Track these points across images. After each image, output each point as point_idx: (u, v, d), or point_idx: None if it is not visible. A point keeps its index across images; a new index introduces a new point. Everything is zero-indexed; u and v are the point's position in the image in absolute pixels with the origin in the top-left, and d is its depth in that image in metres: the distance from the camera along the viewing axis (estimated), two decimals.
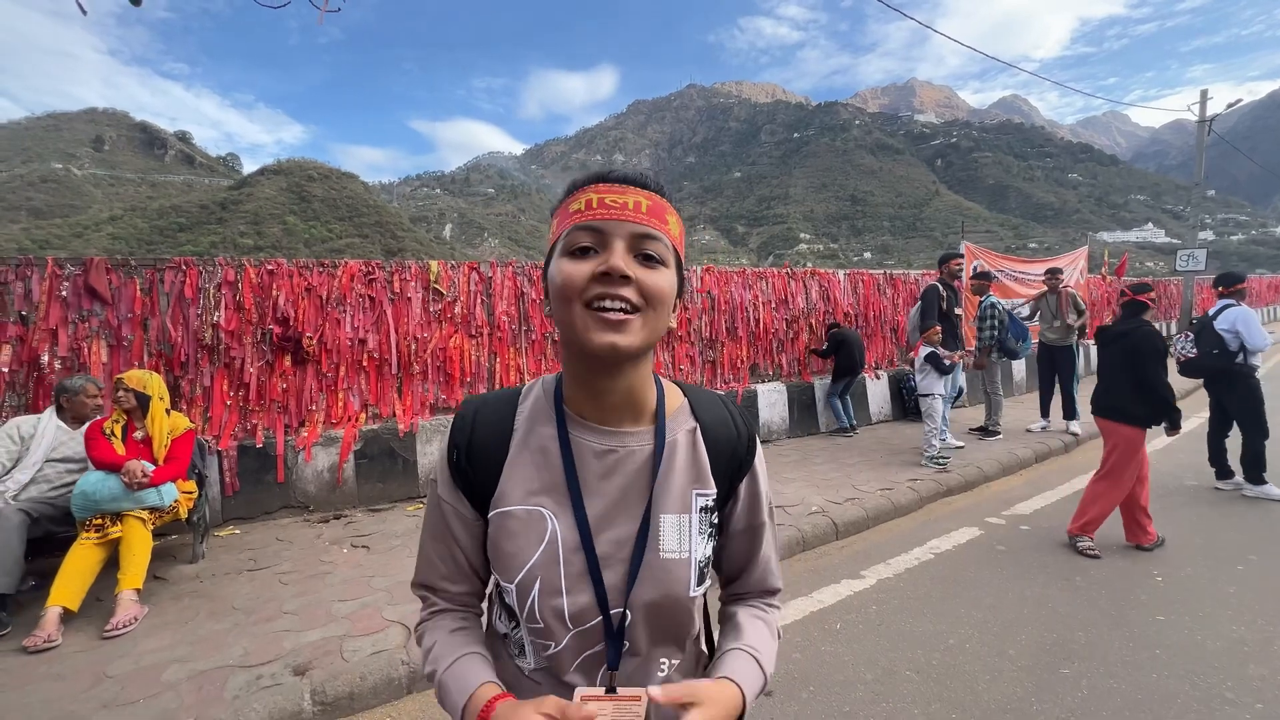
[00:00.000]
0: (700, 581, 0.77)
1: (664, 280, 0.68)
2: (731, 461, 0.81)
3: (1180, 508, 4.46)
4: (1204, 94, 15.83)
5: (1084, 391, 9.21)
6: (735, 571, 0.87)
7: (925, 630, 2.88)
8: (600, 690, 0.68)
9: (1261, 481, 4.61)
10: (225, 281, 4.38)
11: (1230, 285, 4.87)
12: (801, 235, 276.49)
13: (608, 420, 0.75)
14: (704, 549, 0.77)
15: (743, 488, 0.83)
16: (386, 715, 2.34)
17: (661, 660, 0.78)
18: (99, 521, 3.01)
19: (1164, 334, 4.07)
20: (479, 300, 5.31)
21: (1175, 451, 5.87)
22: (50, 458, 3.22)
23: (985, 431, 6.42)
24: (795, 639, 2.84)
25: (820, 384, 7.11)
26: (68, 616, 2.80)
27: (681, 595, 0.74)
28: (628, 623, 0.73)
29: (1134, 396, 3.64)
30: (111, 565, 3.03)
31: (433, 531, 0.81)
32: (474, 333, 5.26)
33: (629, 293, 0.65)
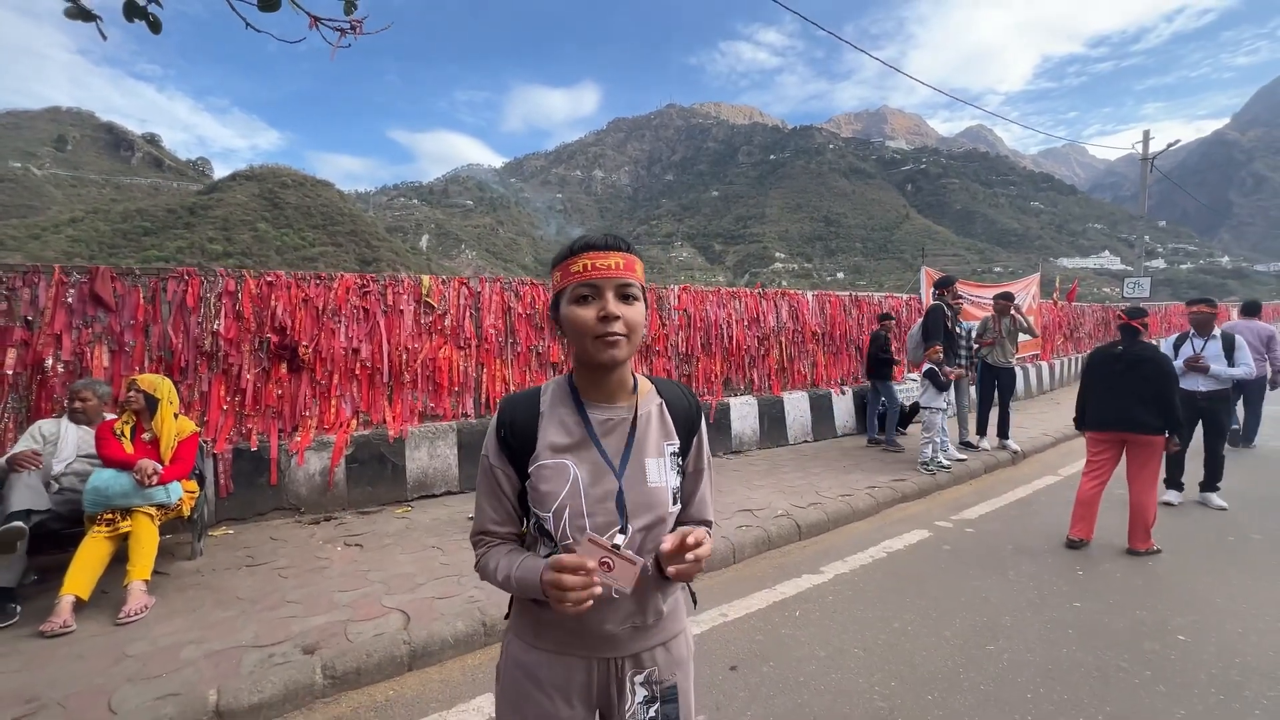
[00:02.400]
0: (675, 502, 1.14)
1: (639, 311, 1.06)
2: (687, 423, 1.20)
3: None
4: (1146, 134, 17.03)
5: (1031, 411, 9.76)
6: (684, 502, 1.22)
7: (874, 616, 3.24)
8: (608, 543, 0.97)
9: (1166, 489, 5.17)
10: (226, 291, 4.58)
11: (1187, 307, 5.43)
12: (777, 254, 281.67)
13: (606, 399, 1.13)
14: (674, 480, 1.15)
15: (695, 441, 1.21)
16: (390, 689, 2.58)
17: (645, 559, 1.09)
18: (110, 516, 3.20)
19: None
20: (468, 314, 5.58)
21: None
22: (79, 454, 3.40)
23: (968, 445, 6.91)
24: (758, 624, 3.16)
25: (791, 398, 7.53)
26: (79, 606, 2.97)
27: (664, 511, 1.11)
28: (629, 533, 1.08)
29: (1154, 410, 4.00)
30: (118, 559, 3.20)
31: (486, 490, 1.16)
32: (462, 344, 5.52)
33: (619, 326, 1.02)
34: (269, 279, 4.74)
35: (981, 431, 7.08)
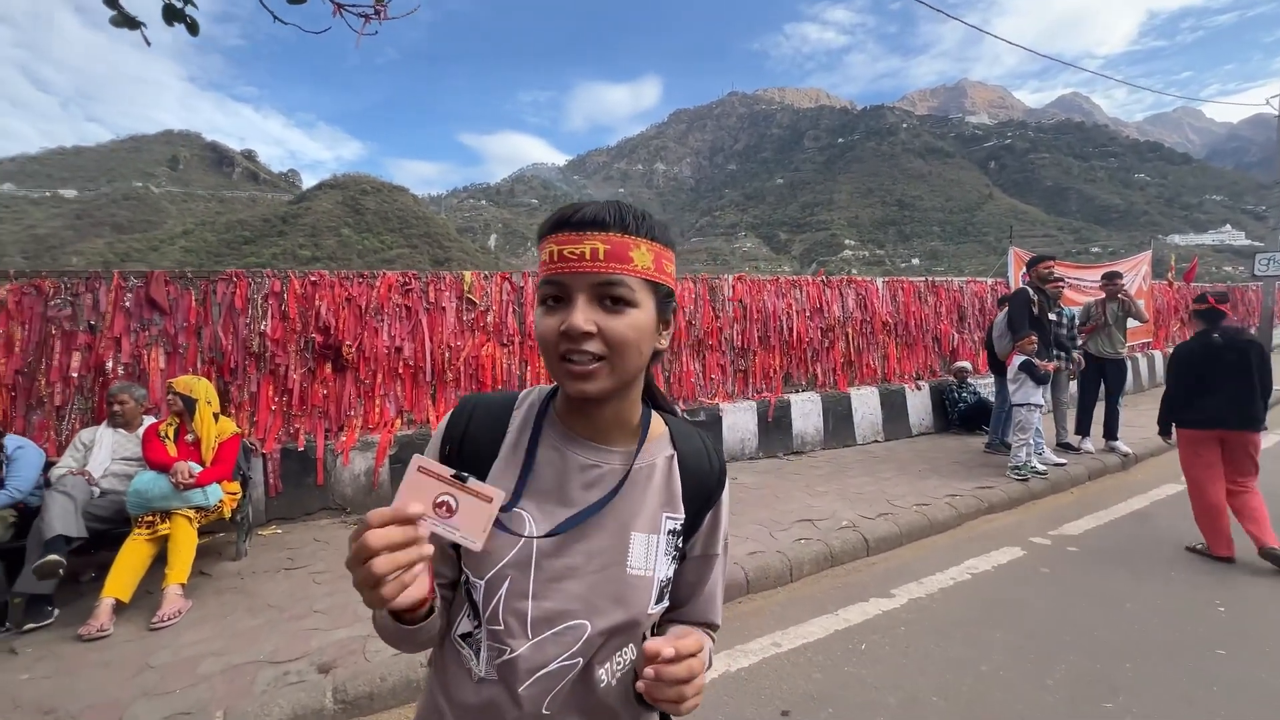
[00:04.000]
0: (659, 600, 0.79)
1: (628, 323, 0.70)
2: (701, 491, 0.85)
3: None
4: None
5: (1142, 407, 8.65)
6: (682, 598, 0.88)
7: (956, 655, 2.75)
8: (447, 471, 0.63)
9: None
10: (272, 292, 4.61)
11: None
12: (846, 242, 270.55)
13: (596, 437, 0.80)
14: (666, 570, 0.80)
15: (708, 517, 0.86)
16: (403, 716, 2.39)
17: (600, 671, 0.78)
18: (150, 518, 3.21)
19: None
20: (510, 310, 5.41)
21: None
22: (115, 457, 3.46)
23: (1067, 448, 6.13)
24: (817, 658, 2.76)
25: (858, 394, 6.93)
26: (120, 607, 2.99)
27: (639, 611, 0.77)
28: (586, 636, 0.75)
29: (1261, 404, 3.67)
30: (162, 560, 3.21)
31: None
32: (505, 341, 5.36)
33: (592, 346, 0.69)
34: (313, 279, 4.74)
35: (1084, 432, 6.22)
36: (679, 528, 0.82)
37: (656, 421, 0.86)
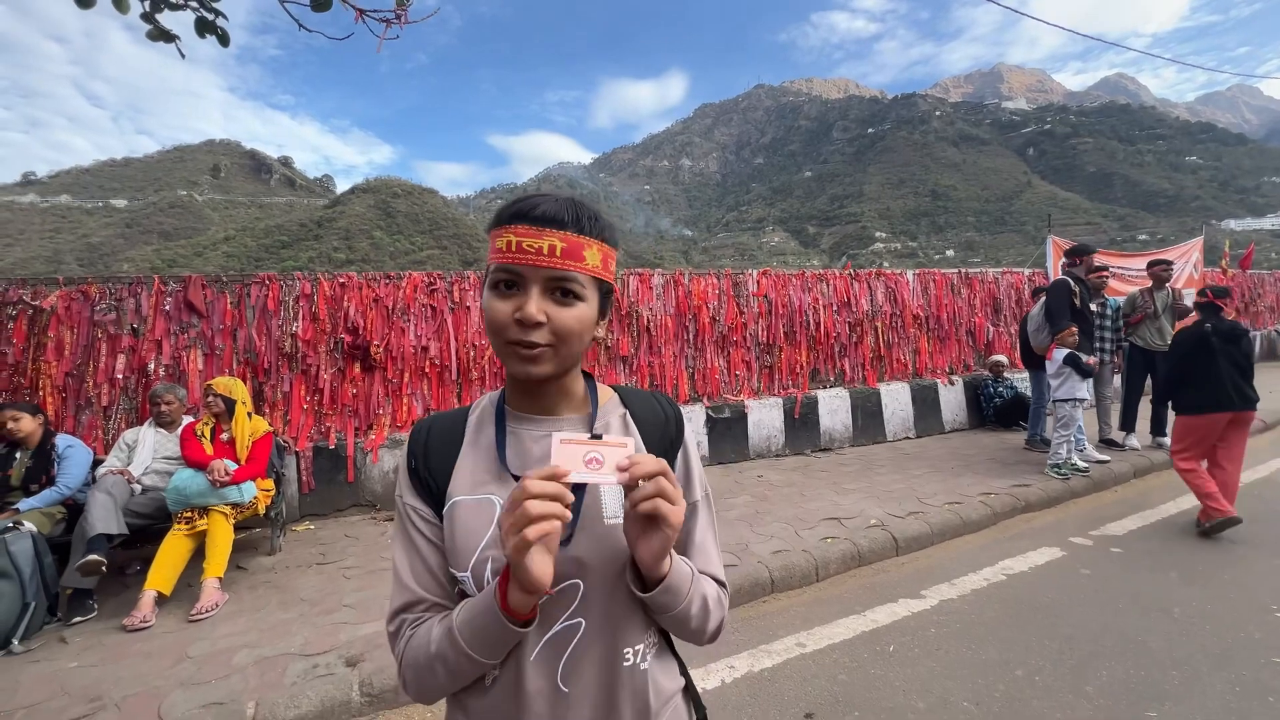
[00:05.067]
0: None
1: (576, 316, 0.76)
2: (663, 438, 0.89)
3: None
4: None
5: None
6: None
7: (989, 658, 2.66)
8: (584, 435, 0.70)
9: None
10: (302, 294, 4.73)
11: None
12: (877, 234, 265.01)
13: (545, 411, 0.85)
14: None
15: (677, 463, 0.90)
16: (428, 711, 2.43)
17: (626, 650, 0.79)
18: (188, 515, 3.33)
19: None
20: None
21: None
22: (156, 456, 3.61)
23: (1111, 444, 5.91)
24: (843, 659, 2.70)
25: (888, 389, 6.77)
26: (161, 599, 3.12)
27: (627, 558, 0.78)
28: (581, 593, 0.77)
29: (1252, 384, 4.03)
30: (201, 554, 3.33)
31: (402, 543, 0.84)
32: None
33: (540, 335, 0.74)
34: (341, 280, 4.85)
35: (1129, 427, 5.95)
36: None
37: (604, 389, 0.92)
